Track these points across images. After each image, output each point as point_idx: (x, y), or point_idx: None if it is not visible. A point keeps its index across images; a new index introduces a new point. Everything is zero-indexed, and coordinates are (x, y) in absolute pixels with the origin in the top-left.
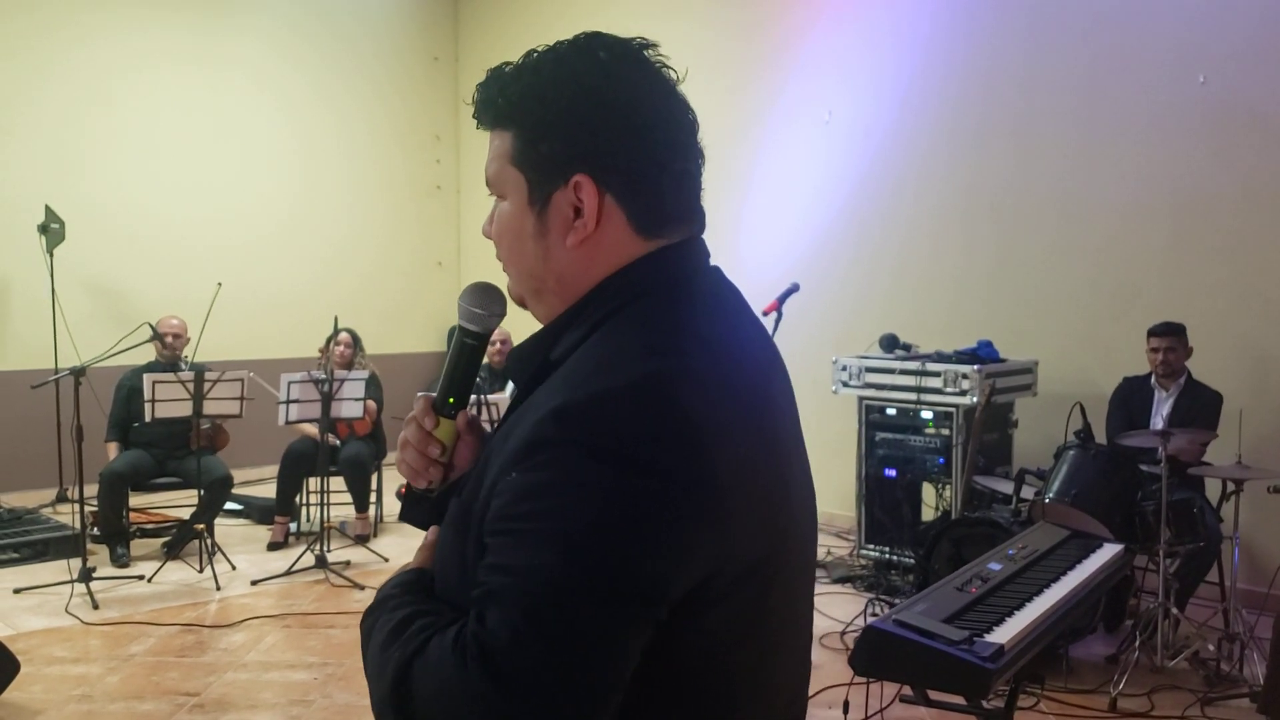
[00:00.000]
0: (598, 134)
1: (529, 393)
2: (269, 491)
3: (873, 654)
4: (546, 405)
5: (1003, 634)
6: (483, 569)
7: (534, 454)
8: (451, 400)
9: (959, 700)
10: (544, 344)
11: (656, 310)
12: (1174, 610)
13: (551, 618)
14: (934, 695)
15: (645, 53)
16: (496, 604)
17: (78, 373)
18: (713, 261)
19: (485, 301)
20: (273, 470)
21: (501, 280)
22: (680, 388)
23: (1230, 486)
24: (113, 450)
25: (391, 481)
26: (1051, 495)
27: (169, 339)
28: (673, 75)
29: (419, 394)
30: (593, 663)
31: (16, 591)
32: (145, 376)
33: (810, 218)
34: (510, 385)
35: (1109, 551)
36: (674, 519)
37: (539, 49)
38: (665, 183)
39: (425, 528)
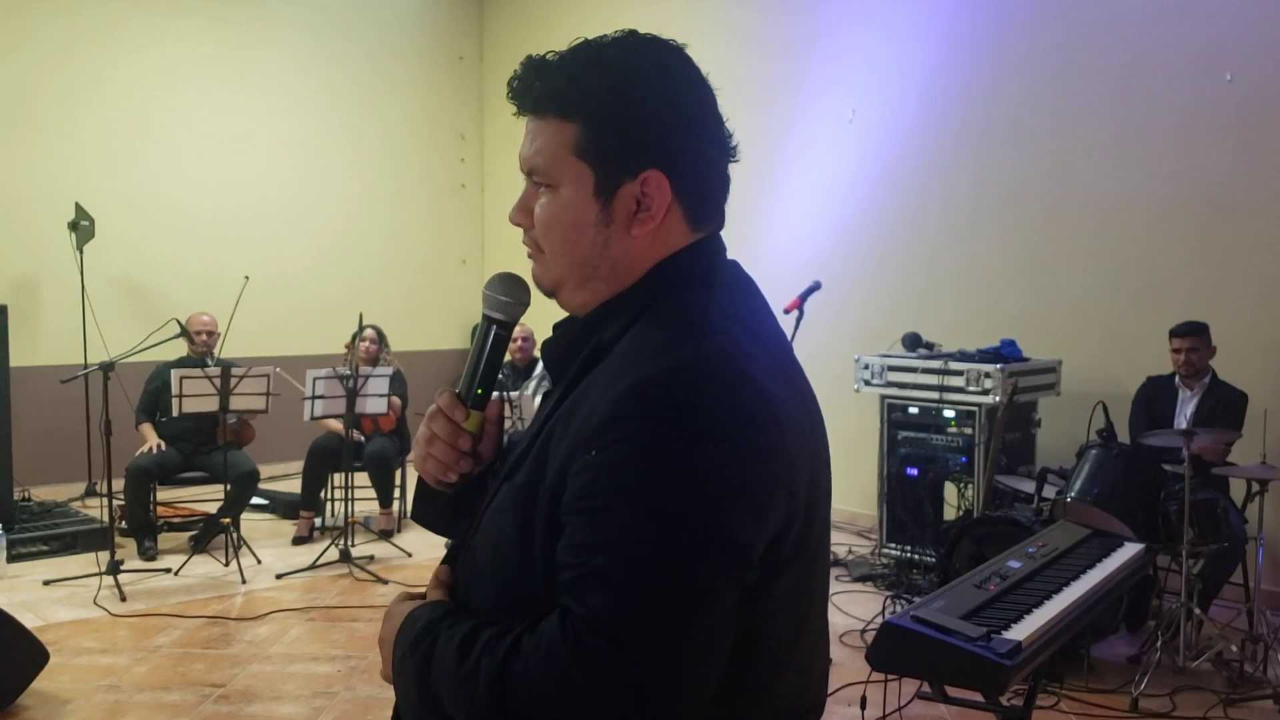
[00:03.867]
0: (668, 132)
1: (581, 376)
2: (294, 486)
3: (890, 650)
4: (620, 383)
5: (1021, 631)
6: (569, 550)
7: (612, 430)
8: (480, 391)
9: (977, 697)
10: (590, 330)
11: (699, 297)
12: (1197, 611)
13: (660, 588)
14: (952, 692)
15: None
16: (599, 583)
17: (106, 368)
18: (734, 258)
19: (512, 290)
20: (298, 465)
21: (524, 273)
22: (746, 362)
23: (1255, 487)
24: (148, 432)
25: (414, 477)
26: (1074, 494)
27: (202, 336)
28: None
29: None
30: (707, 624)
31: (46, 583)
32: (173, 372)
33: (833, 216)
34: (534, 381)
35: (1130, 550)
36: (752, 485)
37: (588, 40)
38: (716, 180)
39: (437, 527)
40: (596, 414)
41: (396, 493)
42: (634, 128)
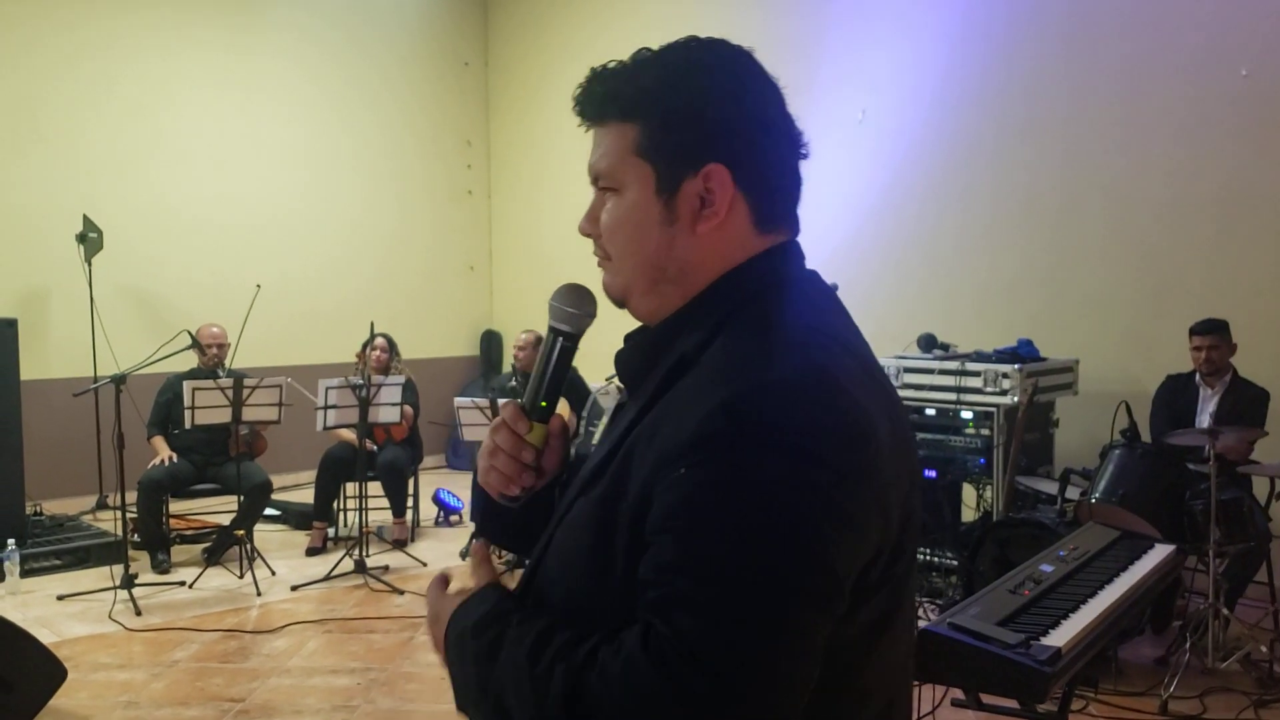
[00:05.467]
0: (730, 126)
1: (665, 389)
2: (307, 497)
3: (926, 658)
4: (710, 398)
5: (1059, 637)
6: (653, 568)
7: (703, 448)
8: (544, 404)
9: (1010, 702)
10: (666, 340)
11: (782, 307)
12: (1224, 611)
13: (750, 616)
14: (986, 698)
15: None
16: (686, 606)
17: (118, 380)
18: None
19: (578, 301)
20: (311, 476)
21: (568, 279)
22: (842, 379)
23: (1279, 485)
24: (160, 444)
25: (427, 486)
26: (1099, 495)
27: (212, 349)
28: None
29: (503, 401)
30: (797, 656)
31: (60, 598)
32: (185, 383)
33: (845, 217)
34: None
35: (1161, 552)
36: (850, 510)
37: (651, 48)
38: (786, 179)
39: (503, 541)
40: (685, 430)
41: (409, 502)
42: (693, 122)
